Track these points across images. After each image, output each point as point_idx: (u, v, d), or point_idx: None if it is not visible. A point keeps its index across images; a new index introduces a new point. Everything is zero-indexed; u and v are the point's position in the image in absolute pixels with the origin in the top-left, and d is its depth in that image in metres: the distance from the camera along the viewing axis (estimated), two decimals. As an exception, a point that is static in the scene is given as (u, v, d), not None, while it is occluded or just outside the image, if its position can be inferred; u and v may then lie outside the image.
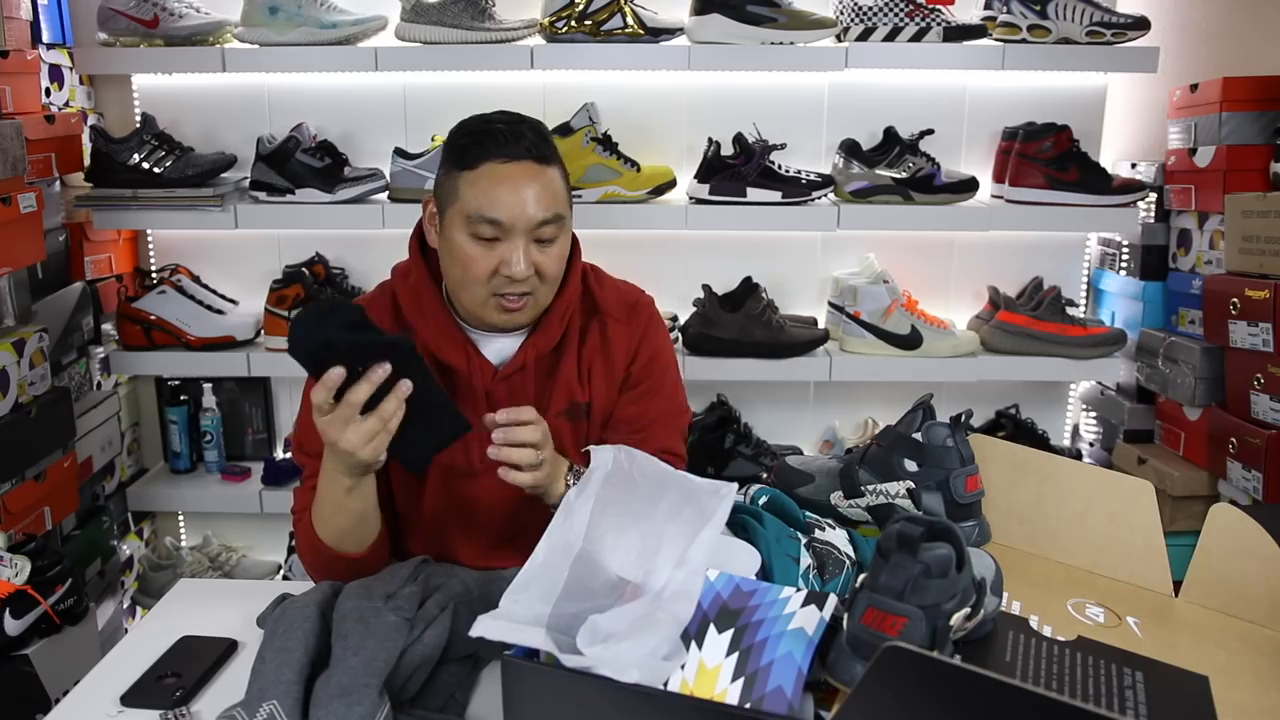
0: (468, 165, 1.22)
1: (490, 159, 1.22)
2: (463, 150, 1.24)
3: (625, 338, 1.36)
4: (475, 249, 1.23)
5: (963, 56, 2.16)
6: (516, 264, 1.21)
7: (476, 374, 1.30)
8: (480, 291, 1.24)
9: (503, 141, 1.22)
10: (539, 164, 1.23)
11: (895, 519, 0.89)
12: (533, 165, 1.23)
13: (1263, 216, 1.90)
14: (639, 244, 2.35)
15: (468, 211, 1.22)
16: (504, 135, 1.22)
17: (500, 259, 1.22)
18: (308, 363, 1.09)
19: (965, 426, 1.22)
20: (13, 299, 1.94)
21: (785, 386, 2.45)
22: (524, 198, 1.21)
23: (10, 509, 1.82)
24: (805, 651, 0.85)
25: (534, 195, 1.21)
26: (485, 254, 1.22)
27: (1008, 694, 0.62)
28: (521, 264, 1.21)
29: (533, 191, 1.21)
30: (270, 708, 0.93)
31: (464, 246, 1.23)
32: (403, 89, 2.34)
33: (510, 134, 1.22)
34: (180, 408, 2.40)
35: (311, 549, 1.25)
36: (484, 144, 1.22)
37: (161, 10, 2.14)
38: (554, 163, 1.26)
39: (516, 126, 1.24)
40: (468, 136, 1.24)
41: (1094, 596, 1.12)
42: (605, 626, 0.86)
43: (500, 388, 1.31)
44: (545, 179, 1.23)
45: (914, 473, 1.20)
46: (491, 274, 1.23)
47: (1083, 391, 2.54)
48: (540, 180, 1.23)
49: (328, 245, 2.39)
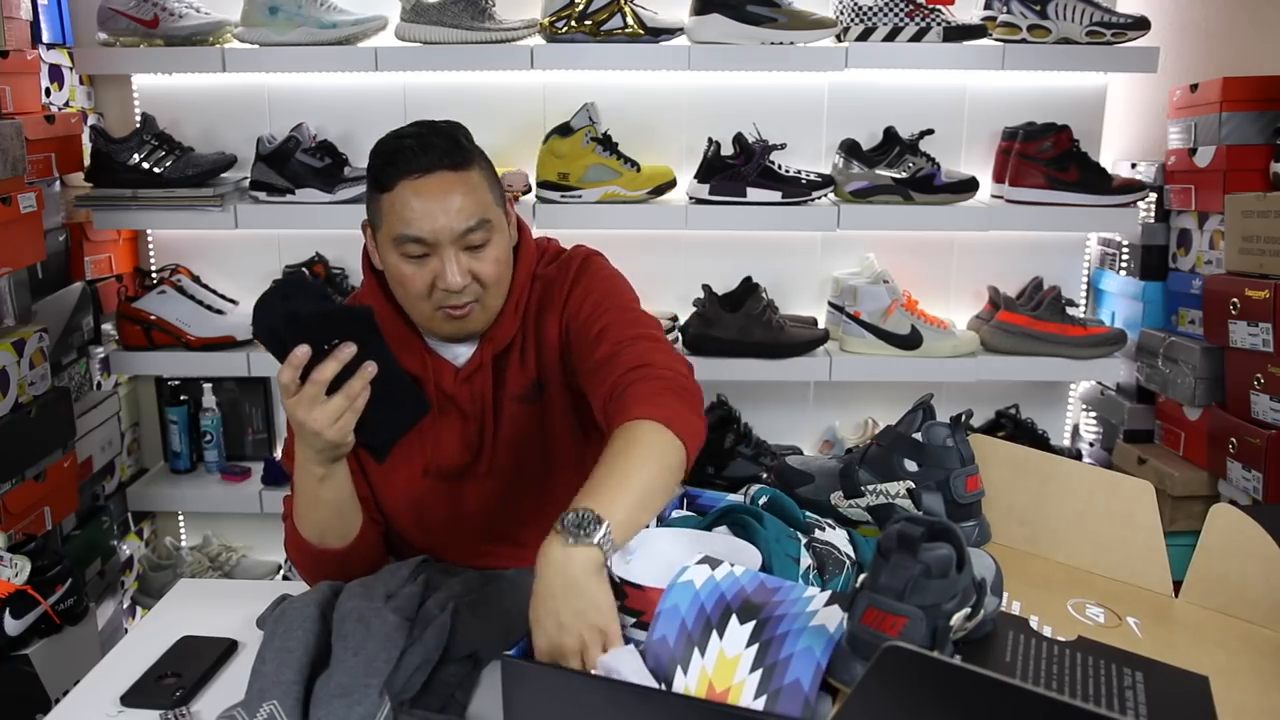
0: (385, 187, 1.21)
1: (403, 176, 1.19)
2: (378, 171, 1.22)
3: (559, 289, 1.31)
4: (408, 268, 1.21)
5: (963, 56, 2.16)
6: (451, 275, 1.19)
7: (433, 378, 1.29)
8: (424, 307, 1.24)
9: (412, 155, 1.19)
10: (453, 171, 1.20)
11: (895, 519, 0.89)
12: (447, 174, 1.20)
13: (1263, 216, 1.90)
14: (639, 244, 2.34)
15: (393, 234, 1.20)
16: (413, 149, 1.20)
17: (434, 273, 1.21)
18: (271, 341, 1.08)
19: (965, 426, 1.22)
20: (13, 299, 1.94)
21: (785, 386, 2.45)
22: (442, 209, 1.19)
23: (10, 509, 1.82)
24: (825, 648, 0.85)
25: (453, 205, 1.19)
26: (418, 271, 1.21)
27: (1008, 694, 0.62)
28: (455, 275, 1.20)
29: (451, 202, 1.19)
30: (270, 708, 0.93)
31: (398, 267, 1.22)
32: (403, 89, 2.34)
33: (420, 147, 1.20)
34: (180, 408, 2.40)
35: (297, 548, 1.25)
36: (395, 162, 1.20)
37: (161, 10, 2.14)
38: (472, 165, 1.23)
39: (426, 138, 1.21)
40: (381, 157, 1.22)
41: (1094, 597, 1.12)
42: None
43: (462, 390, 1.30)
44: (465, 185, 1.20)
45: (914, 473, 1.20)
46: (430, 289, 1.22)
47: (1083, 391, 2.54)
48: (459, 188, 1.20)
49: (328, 245, 2.39)
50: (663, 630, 0.90)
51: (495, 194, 1.25)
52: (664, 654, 0.89)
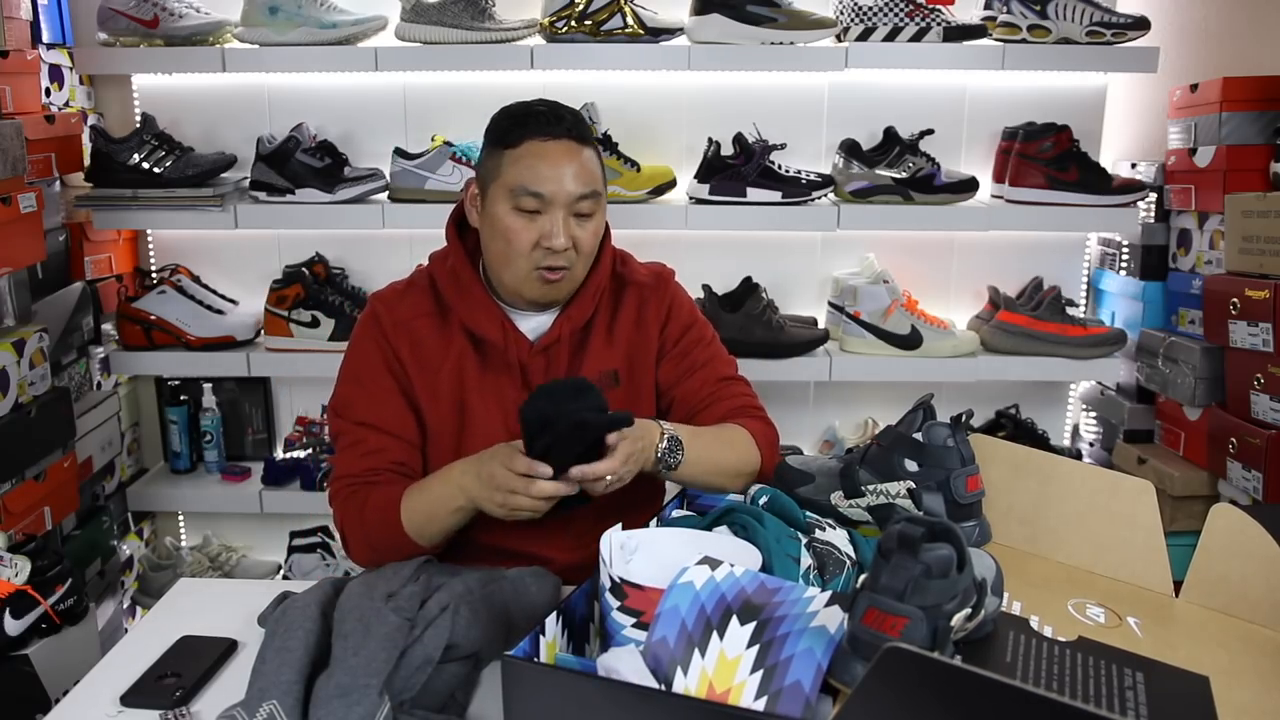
0: (510, 144, 1.29)
1: (532, 137, 1.28)
2: (505, 131, 1.31)
3: (656, 305, 1.44)
4: (518, 222, 1.29)
5: (963, 56, 2.16)
6: (557, 236, 1.27)
7: (513, 347, 1.35)
8: (522, 264, 1.30)
9: (544, 122, 1.29)
10: (578, 143, 1.30)
11: (896, 519, 0.89)
12: (572, 144, 1.29)
13: (1263, 216, 1.90)
14: (639, 244, 2.31)
15: (511, 185, 1.28)
16: (545, 117, 1.30)
17: (541, 231, 1.28)
18: (537, 426, 1.13)
19: (965, 426, 1.22)
20: (13, 299, 1.94)
21: (785, 386, 2.45)
22: (564, 173, 1.28)
23: (10, 509, 1.82)
24: (826, 649, 0.85)
25: (573, 171, 1.28)
26: (527, 226, 1.29)
27: (1008, 695, 0.62)
28: (561, 236, 1.27)
29: (572, 168, 1.28)
30: (270, 707, 0.93)
31: (506, 220, 1.29)
32: (403, 89, 2.33)
33: (551, 115, 1.30)
34: (180, 408, 2.40)
35: (384, 523, 1.27)
36: (526, 124, 1.29)
37: (161, 10, 2.14)
38: (591, 145, 1.33)
39: (557, 109, 1.32)
40: (510, 119, 1.32)
41: (1094, 597, 1.12)
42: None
43: (536, 360, 1.36)
44: (583, 157, 1.30)
45: (914, 473, 1.20)
46: (533, 246, 1.29)
47: (1083, 391, 2.54)
48: (579, 158, 1.29)
49: (328, 245, 2.39)
50: (663, 631, 0.90)
51: (603, 178, 1.35)
52: (664, 655, 0.89)
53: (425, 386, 1.36)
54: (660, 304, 1.44)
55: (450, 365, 1.36)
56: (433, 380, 1.36)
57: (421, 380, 1.36)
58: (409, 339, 1.36)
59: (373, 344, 1.37)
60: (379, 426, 1.34)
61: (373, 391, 1.35)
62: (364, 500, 1.29)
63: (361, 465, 1.33)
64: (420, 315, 1.37)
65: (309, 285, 2.23)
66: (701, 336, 1.47)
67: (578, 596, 1.03)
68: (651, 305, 1.43)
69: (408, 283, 1.43)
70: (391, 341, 1.36)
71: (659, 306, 1.44)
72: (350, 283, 2.37)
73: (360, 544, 1.31)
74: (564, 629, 0.99)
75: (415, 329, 1.37)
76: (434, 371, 1.36)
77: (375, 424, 1.34)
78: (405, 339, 1.36)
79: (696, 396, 1.43)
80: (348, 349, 1.40)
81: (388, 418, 1.35)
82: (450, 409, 1.36)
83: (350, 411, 1.36)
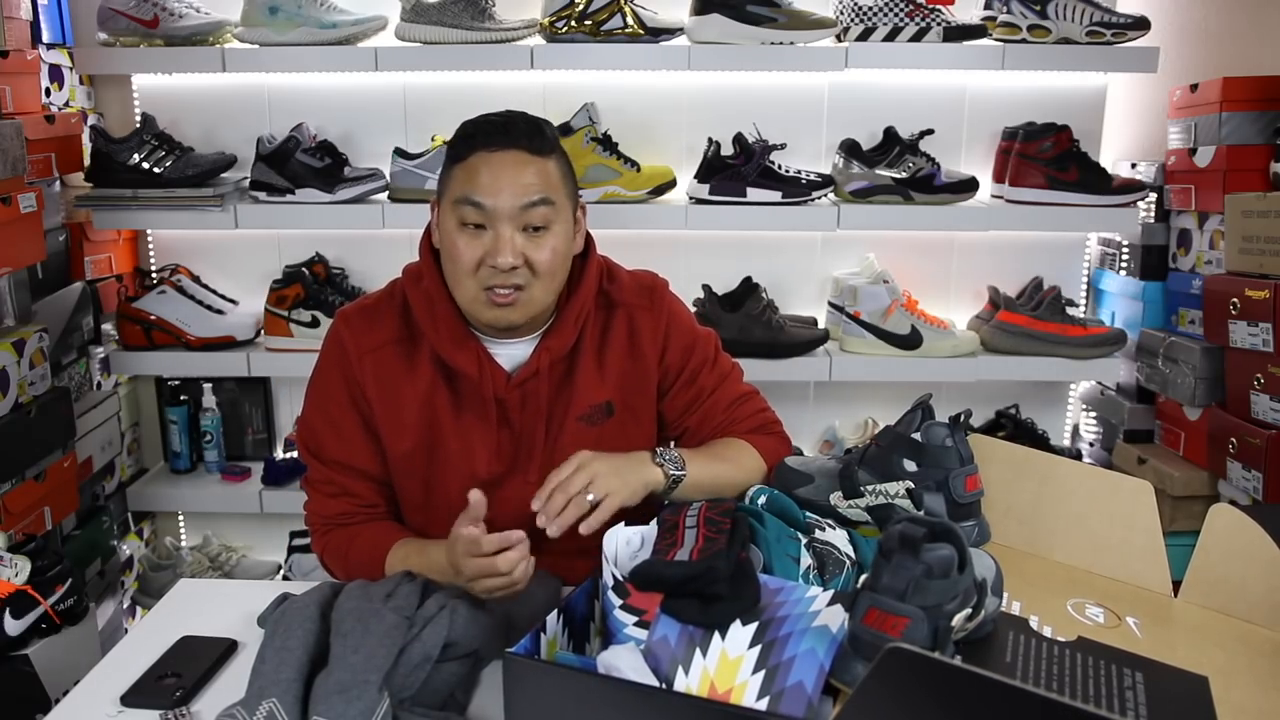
0: (460, 157, 1.23)
1: (480, 149, 1.21)
2: (457, 144, 1.24)
3: (650, 328, 1.34)
4: (461, 238, 1.21)
5: (963, 56, 2.16)
6: (501, 252, 1.18)
7: (488, 381, 1.26)
8: (470, 285, 1.22)
9: (492, 131, 1.22)
10: (530, 153, 1.22)
11: (897, 519, 0.89)
12: (522, 154, 1.21)
13: (1263, 216, 1.90)
14: (639, 244, 2.33)
15: (454, 196, 1.22)
16: (494, 127, 1.22)
17: (485, 248, 1.20)
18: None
19: (965, 426, 1.22)
20: (13, 299, 1.94)
21: (785, 386, 2.44)
22: (508, 183, 1.20)
23: (10, 509, 1.82)
24: (828, 649, 0.85)
25: (519, 181, 1.20)
26: (471, 242, 1.21)
27: (1008, 695, 0.62)
28: (507, 253, 1.19)
29: (518, 178, 1.20)
30: (270, 706, 0.93)
31: (451, 235, 1.22)
32: (403, 89, 2.33)
33: (501, 125, 1.23)
34: (180, 408, 2.40)
35: (344, 570, 1.28)
36: (475, 136, 1.23)
37: (161, 10, 2.14)
38: (548, 155, 1.24)
39: (512, 120, 1.24)
40: (462, 132, 1.25)
41: (1094, 597, 1.12)
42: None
43: (513, 395, 1.28)
44: (536, 168, 1.21)
45: (914, 473, 1.20)
46: (478, 264, 1.20)
47: (1083, 391, 2.54)
48: (529, 169, 1.21)
49: (328, 245, 2.39)
50: (664, 630, 0.90)
51: (567, 190, 1.26)
52: (665, 654, 0.89)
53: (389, 420, 1.29)
54: (655, 327, 1.34)
55: (418, 399, 1.28)
56: (396, 414, 1.29)
57: (385, 413, 1.29)
58: (374, 369, 1.28)
59: (337, 373, 1.30)
60: (348, 464, 1.31)
61: (340, 428, 1.30)
62: (346, 546, 1.28)
63: (334, 508, 1.31)
64: (387, 343, 1.29)
65: (309, 285, 2.23)
66: (706, 357, 1.38)
67: (578, 595, 1.03)
68: (645, 329, 1.33)
69: (377, 300, 1.34)
70: (355, 372, 1.29)
71: (654, 330, 1.34)
72: (350, 283, 2.37)
73: (338, 574, 1.31)
74: (564, 627, 0.99)
75: (381, 358, 1.29)
76: (399, 406, 1.28)
77: (344, 462, 1.31)
78: (370, 368, 1.28)
79: (712, 424, 1.37)
80: (314, 369, 1.34)
81: (354, 454, 1.30)
82: (417, 445, 1.29)
83: (319, 449, 1.32)
